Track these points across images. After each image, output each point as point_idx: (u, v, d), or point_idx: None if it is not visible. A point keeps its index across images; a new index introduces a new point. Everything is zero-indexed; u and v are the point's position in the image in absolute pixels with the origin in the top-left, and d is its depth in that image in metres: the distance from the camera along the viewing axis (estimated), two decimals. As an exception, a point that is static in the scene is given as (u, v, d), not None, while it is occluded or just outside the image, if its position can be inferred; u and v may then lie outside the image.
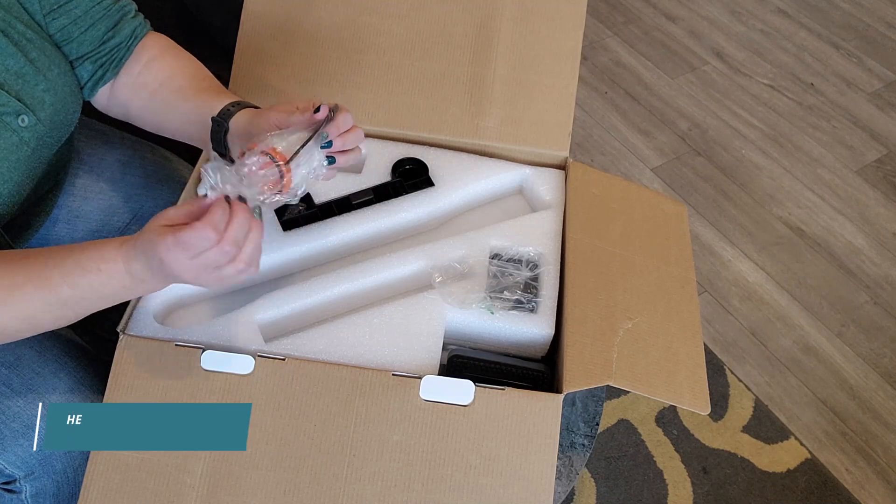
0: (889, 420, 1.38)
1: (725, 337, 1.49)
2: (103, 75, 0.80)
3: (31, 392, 0.74)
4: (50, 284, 0.62)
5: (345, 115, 0.70)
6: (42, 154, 0.75)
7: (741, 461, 1.31)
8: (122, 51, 0.80)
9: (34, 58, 0.71)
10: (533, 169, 0.92)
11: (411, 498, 0.67)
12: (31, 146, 0.72)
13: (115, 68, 0.80)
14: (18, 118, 0.69)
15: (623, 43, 2.14)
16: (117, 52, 0.80)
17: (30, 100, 0.70)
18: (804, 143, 1.87)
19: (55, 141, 0.77)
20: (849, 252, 1.65)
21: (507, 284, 0.80)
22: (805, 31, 2.18)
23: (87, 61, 0.78)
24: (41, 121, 0.72)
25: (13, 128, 0.69)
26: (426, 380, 0.70)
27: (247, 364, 0.71)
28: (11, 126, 0.69)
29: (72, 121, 0.79)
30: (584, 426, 0.88)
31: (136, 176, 0.95)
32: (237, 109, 0.75)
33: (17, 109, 0.69)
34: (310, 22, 0.96)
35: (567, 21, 0.95)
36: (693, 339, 0.77)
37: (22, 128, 0.70)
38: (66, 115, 0.76)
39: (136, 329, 0.74)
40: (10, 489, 0.75)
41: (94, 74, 0.79)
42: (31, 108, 0.70)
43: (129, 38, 0.80)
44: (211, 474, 0.67)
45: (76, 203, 0.91)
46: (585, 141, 1.88)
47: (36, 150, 0.73)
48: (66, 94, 0.75)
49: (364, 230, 0.85)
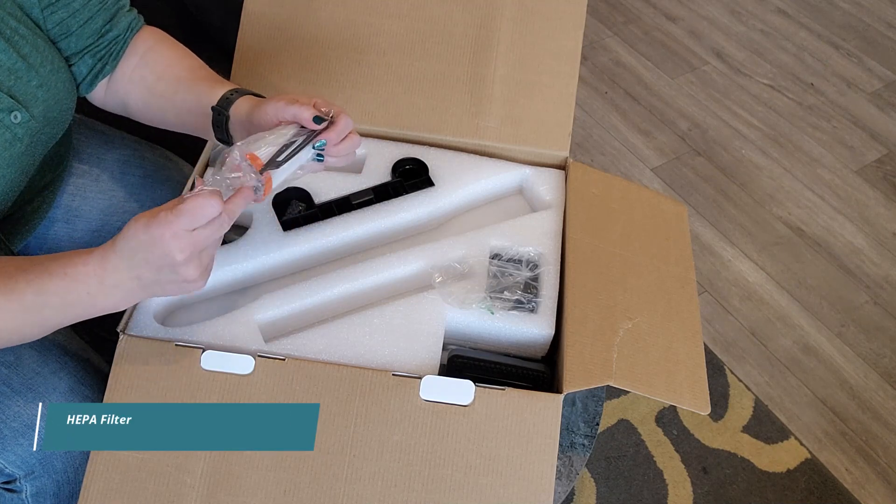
0: (889, 420, 1.38)
1: (725, 337, 1.49)
2: (102, 68, 0.80)
3: (31, 391, 0.74)
4: (15, 288, 0.61)
5: (345, 121, 0.69)
6: (36, 151, 0.75)
7: (741, 461, 1.31)
8: (120, 44, 0.81)
9: (26, 53, 0.70)
10: (533, 169, 0.92)
11: (411, 498, 0.67)
12: (24, 143, 0.72)
13: (113, 61, 0.81)
14: (11, 114, 0.69)
15: (623, 43, 2.14)
16: (115, 45, 0.80)
17: (22, 96, 0.70)
18: (804, 143, 1.87)
19: (49, 138, 0.77)
20: (849, 252, 1.65)
21: (507, 284, 0.80)
22: (805, 31, 2.18)
23: (87, 55, 0.78)
24: (34, 117, 0.72)
25: (6, 124, 0.69)
26: (426, 380, 0.70)
27: (247, 364, 0.71)
28: (4, 123, 0.69)
29: (66, 118, 0.78)
30: (584, 426, 0.88)
31: (136, 176, 0.95)
32: (237, 97, 0.75)
33: (10, 106, 0.69)
34: (310, 22, 0.96)
35: (567, 21, 0.95)
36: (693, 339, 0.77)
37: (15, 124, 0.70)
38: (60, 111, 0.76)
39: (136, 329, 0.74)
40: (11, 488, 0.75)
41: (94, 68, 0.80)
42: (24, 105, 0.70)
43: (125, 30, 0.81)
44: (211, 474, 0.67)
45: (76, 202, 0.91)
46: (585, 141, 1.88)
47: (29, 146, 0.73)
48: (59, 91, 0.75)
49: (364, 230, 0.85)
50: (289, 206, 0.86)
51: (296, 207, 0.86)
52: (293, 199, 0.87)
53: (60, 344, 0.80)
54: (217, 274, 0.80)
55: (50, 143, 0.78)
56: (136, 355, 0.71)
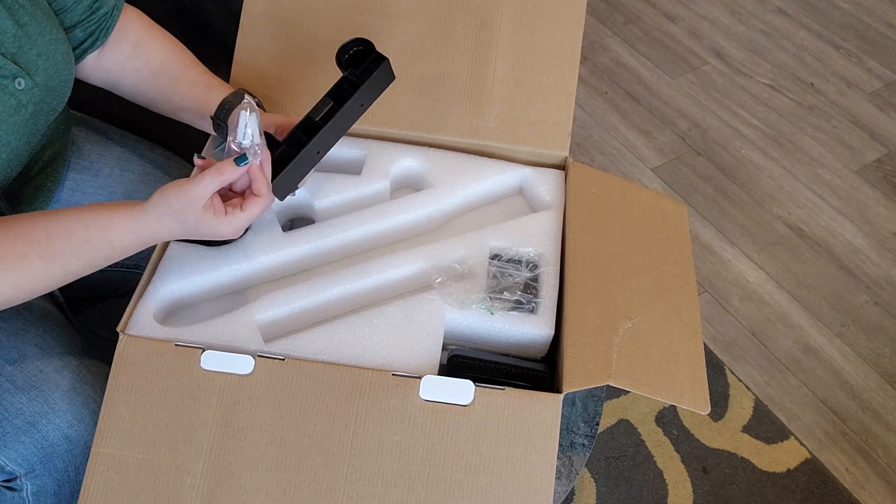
0: (889, 420, 1.38)
1: (725, 337, 1.49)
2: (93, 43, 0.82)
3: (33, 389, 0.74)
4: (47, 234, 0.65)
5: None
6: (39, 120, 0.76)
7: (741, 461, 1.31)
8: (108, 20, 0.83)
9: (25, 23, 0.71)
10: (533, 169, 0.92)
11: (411, 498, 0.67)
12: (28, 110, 0.72)
13: (103, 37, 0.83)
14: (15, 81, 0.69)
15: (623, 43, 2.14)
16: (104, 21, 0.82)
17: (25, 63, 0.71)
18: (804, 143, 1.88)
19: (50, 108, 0.77)
20: (849, 252, 1.65)
21: (506, 285, 0.80)
22: (805, 31, 2.18)
23: (77, 29, 0.80)
24: (37, 84, 0.72)
25: (10, 91, 0.69)
26: (426, 380, 0.70)
27: (247, 364, 0.71)
28: (9, 89, 0.69)
29: (66, 89, 0.79)
30: (584, 426, 0.88)
31: (135, 173, 0.95)
32: (233, 104, 0.80)
33: (14, 72, 0.69)
34: (310, 22, 0.96)
35: (567, 21, 0.95)
36: (693, 339, 0.77)
37: (19, 91, 0.70)
38: (60, 81, 0.77)
39: (136, 329, 0.74)
40: (11, 487, 0.75)
41: (84, 42, 0.81)
42: (27, 72, 0.71)
43: (112, 7, 0.83)
44: (211, 474, 0.68)
45: (75, 198, 0.91)
46: (585, 141, 1.88)
47: (34, 114, 0.74)
48: (58, 61, 0.75)
49: (364, 230, 0.85)
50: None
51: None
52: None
53: (63, 342, 0.80)
54: (217, 274, 0.80)
55: (51, 115, 0.79)
56: (136, 355, 0.71)
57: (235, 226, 0.70)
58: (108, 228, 0.66)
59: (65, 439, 0.74)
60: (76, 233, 0.65)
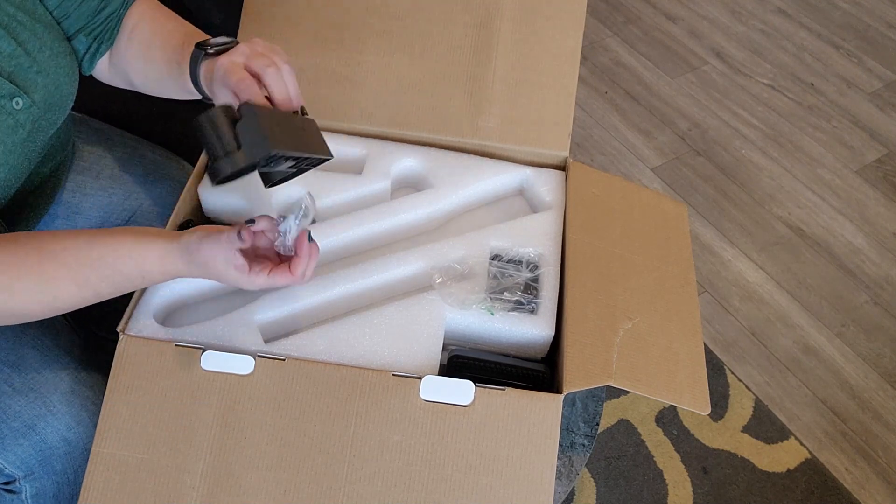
0: (889, 420, 1.38)
1: (725, 337, 1.49)
2: (98, 47, 0.80)
3: (32, 391, 0.74)
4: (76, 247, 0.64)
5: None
6: (38, 137, 0.75)
7: (741, 461, 1.31)
8: (114, 21, 0.80)
9: (24, 40, 0.70)
10: (533, 169, 0.92)
11: (411, 498, 0.67)
12: (26, 129, 0.72)
13: (109, 39, 0.80)
14: (13, 101, 0.69)
15: (623, 43, 2.14)
16: (109, 22, 0.80)
17: (23, 82, 0.70)
18: (804, 143, 1.87)
19: (50, 124, 0.76)
20: (849, 252, 1.65)
21: (507, 285, 0.80)
22: (805, 31, 2.18)
23: (81, 34, 0.78)
24: (35, 103, 0.71)
25: (8, 110, 0.69)
26: (426, 380, 0.70)
27: (247, 364, 0.71)
28: (6, 109, 0.68)
29: (67, 103, 0.78)
30: (584, 426, 0.88)
31: (135, 174, 0.95)
32: (197, 66, 0.73)
33: (11, 92, 0.69)
34: (309, 22, 0.96)
35: (567, 21, 0.95)
36: (693, 339, 0.77)
37: (17, 110, 0.69)
38: (61, 97, 0.76)
39: (136, 329, 0.74)
40: (10, 489, 0.75)
41: (90, 47, 0.79)
42: (25, 91, 0.70)
43: (120, 6, 0.80)
44: (211, 474, 0.67)
45: (76, 199, 0.91)
46: (585, 141, 1.88)
47: (32, 133, 0.73)
48: (59, 76, 0.74)
49: (364, 231, 0.85)
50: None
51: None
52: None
53: (61, 344, 0.80)
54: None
55: (51, 130, 0.78)
56: (136, 355, 0.71)
57: (256, 285, 0.68)
58: (140, 264, 0.66)
59: (63, 442, 0.74)
60: (107, 264, 0.65)
